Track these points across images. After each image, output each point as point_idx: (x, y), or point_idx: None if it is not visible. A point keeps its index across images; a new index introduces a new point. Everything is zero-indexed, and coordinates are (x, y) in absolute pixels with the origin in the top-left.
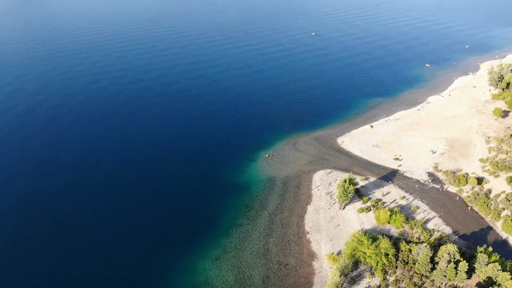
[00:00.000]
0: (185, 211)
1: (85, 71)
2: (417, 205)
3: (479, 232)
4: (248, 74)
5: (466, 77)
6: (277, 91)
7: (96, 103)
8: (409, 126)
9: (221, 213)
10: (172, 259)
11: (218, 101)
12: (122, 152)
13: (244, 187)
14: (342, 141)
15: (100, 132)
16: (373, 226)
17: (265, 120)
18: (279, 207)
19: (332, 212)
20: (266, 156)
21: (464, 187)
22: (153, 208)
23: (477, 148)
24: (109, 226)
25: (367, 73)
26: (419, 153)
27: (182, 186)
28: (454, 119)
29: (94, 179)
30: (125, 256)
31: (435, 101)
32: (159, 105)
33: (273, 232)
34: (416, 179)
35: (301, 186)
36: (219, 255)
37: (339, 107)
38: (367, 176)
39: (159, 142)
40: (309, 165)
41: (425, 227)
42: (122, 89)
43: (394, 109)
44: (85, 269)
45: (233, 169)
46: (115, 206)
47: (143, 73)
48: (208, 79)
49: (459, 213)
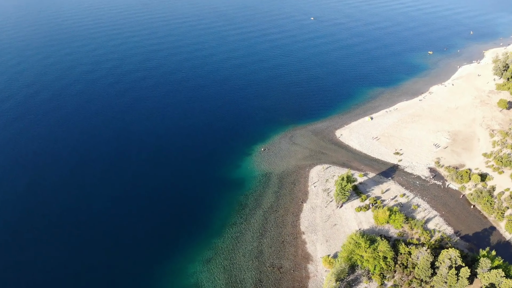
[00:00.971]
0: (176, 209)
1: (80, 59)
2: (418, 203)
3: (481, 232)
4: (244, 64)
5: (470, 65)
6: (274, 80)
7: (91, 95)
8: (411, 118)
9: (214, 211)
10: (161, 260)
11: (213, 91)
12: (114, 146)
13: (238, 183)
14: (341, 134)
15: (94, 125)
16: (372, 226)
17: (262, 111)
18: (274, 205)
19: (329, 210)
20: (261, 150)
21: (467, 184)
22: (141, 205)
23: (481, 142)
24: (93, 226)
25: (368, 61)
26: (421, 147)
27: (173, 182)
28: (457, 110)
29: (85, 174)
30: (110, 258)
31: (438, 91)
32: (155, 97)
33: (267, 232)
34: (417, 175)
35: (297, 183)
36: (211, 256)
37: (339, 98)
38: (366, 172)
39: (151, 136)
40: (306, 159)
41: (426, 227)
42: (118, 80)
43: (395, 100)
44: (71, 271)
45: (227, 164)
46: (102, 204)
47: (140, 63)
48: (204, 69)
49: (461, 212)
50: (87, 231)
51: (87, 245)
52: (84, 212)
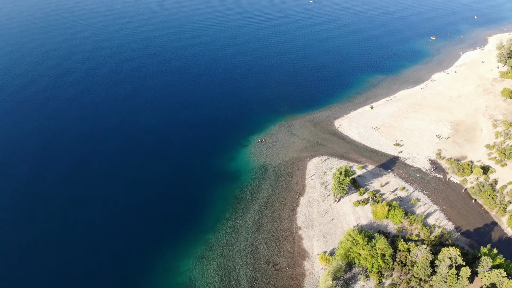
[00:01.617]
0: (168, 203)
1: (75, 47)
2: (418, 197)
3: (483, 228)
4: (241, 49)
5: (474, 52)
6: (272, 67)
7: (86, 85)
8: (412, 107)
9: (208, 206)
10: (152, 257)
11: (209, 80)
12: (102, 139)
13: (234, 176)
14: (340, 124)
15: (85, 118)
16: (370, 221)
17: (259, 100)
18: (270, 199)
19: (326, 204)
20: (258, 141)
21: (469, 177)
22: (131, 200)
23: (484, 133)
24: (81, 221)
25: (368, 47)
26: (422, 137)
27: (166, 175)
28: (460, 99)
29: (63, 168)
30: (100, 255)
31: (440, 78)
32: (148, 88)
33: (262, 227)
34: (417, 168)
35: (294, 175)
36: (204, 253)
37: (338, 86)
38: (365, 164)
39: (142, 128)
40: (304, 151)
41: (426, 222)
42: (115, 69)
43: (397, 88)
44: (58, 269)
45: (222, 155)
46: (90, 197)
47: (138, 50)
48: (201, 58)
49: (462, 206)
50: (75, 228)
51: (76, 242)
52: (71, 210)
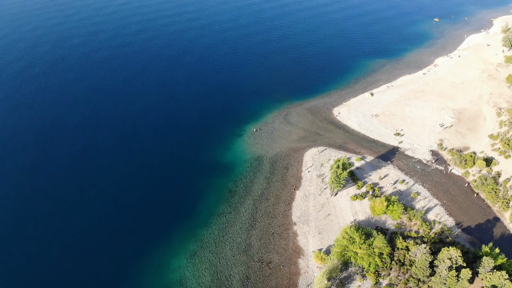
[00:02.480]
0: (159, 196)
1: (58, 26)
2: (418, 190)
3: (484, 224)
4: (236, 28)
5: (478, 34)
6: (270, 53)
7: (69, 63)
8: (413, 94)
9: (201, 199)
10: (142, 254)
11: (201, 62)
12: (90, 123)
13: (228, 168)
14: (339, 112)
15: (71, 97)
16: (367, 217)
17: (255, 86)
18: (265, 193)
19: (322, 198)
20: (254, 130)
21: (471, 169)
22: (119, 193)
23: (487, 122)
24: (67, 216)
25: (369, 29)
26: (423, 127)
27: (157, 166)
28: (463, 85)
29: (59, 153)
30: (87, 251)
31: (443, 63)
32: (136, 65)
33: (256, 222)
34: (417, 159)
35: (290, 167)
36: (196, 250)
37: (337, 71)
38: (364, 155)
39: (131, 111)
40: (301, 141)
41: (425, 218)
42: (99, 47)
43: (398, 73)
44: (45, 266)
45: (216, 146)
46: (77, 190)
47: (122, 28)
48: (191, 35)
49: (463, 200)
50: (62, 224)
51: (63, 238)
52: (58, 205)
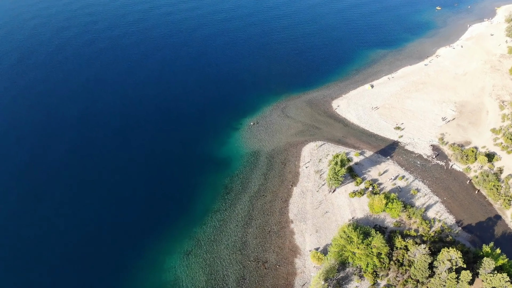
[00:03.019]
0: (153, 192)
1: (54, 16)
2: (418, 187)
3: (485, 222)
4: (235, 18)
5: (481, 24)
6: (268, 41)
7: (65, 54)
8: (415, 86)
9: (196, 196)
10: (135, 252)
11: (199, 53)
12: (81, 121)
13: (224, 163)
14: (338, 105)
15: (66, 89)
16: (366, 214)
17: (253, 77)
18: (261, 189)
19: (320, 195)
20: (251, 124)
21: (472, 165)
22: (111, 189)
23: (489, 115)
24: (56, 212)
25: (370, 19)
26: (424, 120)
27: (150, 161)
28: (465, 77)
29: (57, 144)
30: (77, 249)
31: (445, 54)
32: (132, 57)
33: (253, 220)
34: (418, 154)
35: (287, 163)
36: (191, 249)
37: (337, 61)
38: (363, 150)
39: (124, 107)
40: (299, 135)
41: (425, 215)
42: (96, 37)
43: (399, 64)
44: (37, 264)
45: (212, 140)
46: (68, 186)
47: (119, 17)
48: (190, 25)
49: (464, 197)
50: (50, 221)
51: (51, 236)
52: (49, 202)
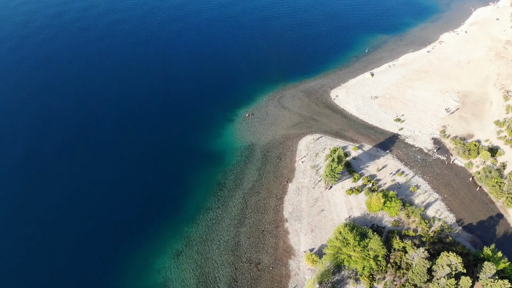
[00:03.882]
0: (142, 189)
1: (46, 1)
2: (417, 183)
3: (487, 221)
4: (233, 4)
5: (486, 8)
6: (263, 28)
7: (60, 42)
8: (416, 74)
9: (188, 193)
10: (123, 252)
11: (194, 41)
12: (69, 114)
13: (217, 157)
14: (336, 95)
15: (52, 88)
16: (363, 213)
17: (249, 65)
18: (255, 185)
19: (316, 192)
20: (245, 115)
21: (475, 160)
22: (97, 184)
23: (493, 106)
24: (38, 213)
25: (372, 2)
26: (425, 111)
27: (140, 155)
28: (469, 65)
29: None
30: (62, 249)
31: (449, 39)
32: (127, 45)
33: (246, 219)
34: (418, 148)
35: (283, 157)
36: (181, 249)
37: (337, 48)
38: (361, 144)
39: (111, 96)
40: (295, 127)
41: (425, 214)
42: (91, 24)
43: (400, 51)
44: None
45: (205, 132)
46: (54, 182)
47: (116, 2)
48: (188, 10)
49: (465, 194)
50: (34, 219)
51: (35, 235)
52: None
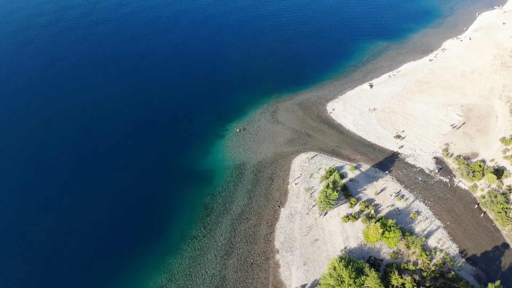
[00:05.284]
0: (122, 213)
1: (24, 2)
2: (418, 209)
3: (492, 252)
4: (224, 9)
5: (491, 12)
6: (258, 35)
7: (38, 46)
8: (418, 85)
9: (173, 218)
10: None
11: (180, 46)
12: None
13: (205, 177)
14: (333, 108)
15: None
16: (360, 243)
17: (241, 76)
18: (245, 210)
19: (310, 219)
20: (237, 130)
21: (479, 182)
22: (70, 208)
23: (499, 121)
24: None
25: (371, 5)
26: (427, 127)
27: (121, 175)
28: (474, 75)
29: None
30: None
31: (452, 47)
32: (107, 48)
33: (234, 249)
34: (419, 168)
35: (275, 178)
36: (163, 283)
37: (334, 56)
38: (359, 163)
39: (92, 110)
40: (289, 144)
41: (426, 244)
42: (70, 26)
43: (401, 59)
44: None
45: (193, 150)
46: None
47: (95, 2)
48: (173, 10)
49: (469, 221)
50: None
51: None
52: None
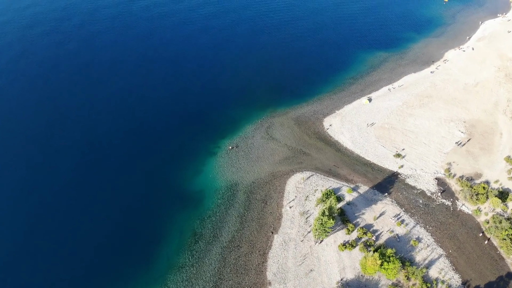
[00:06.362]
0: (104, 240)
1: (16, 12)
2: (419, 235)
3: (496, 283)
4: (220, 14)
5: (495, 20)
6: (253, 47)
7: (32, 59)
8: (419, 99)
9: (159, 246)
10: None
11: (176, 65)
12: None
13: (195, 200)
14: (330, 124)
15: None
16: (357, 274)
17: (235, 90)
18: (236, 237)
19: (305, 247)
20: (229, 148)
21: (483, 206)
22: (49, 233)
23: (503, 139)
24: None
25: (370, 15)
26: (428, 145)
27: (105, 197)
28: (477, 88)
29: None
30: None
31: (454, 58)
32: (100, 62)
33: (223, 281)
34: (420, 190)
35: (269, 200)
36: None
37: (332, 68)
38: (357, 184)
39: (79, 128)
40: (284, 163)
41: (427, 275)
42: (62, 38)
43: (401, 71)
44: None
45: (183, 169)
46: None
47: (92, 11)
48: (170, 22)
49: (472, 249)
50: None
51: None
52: None
